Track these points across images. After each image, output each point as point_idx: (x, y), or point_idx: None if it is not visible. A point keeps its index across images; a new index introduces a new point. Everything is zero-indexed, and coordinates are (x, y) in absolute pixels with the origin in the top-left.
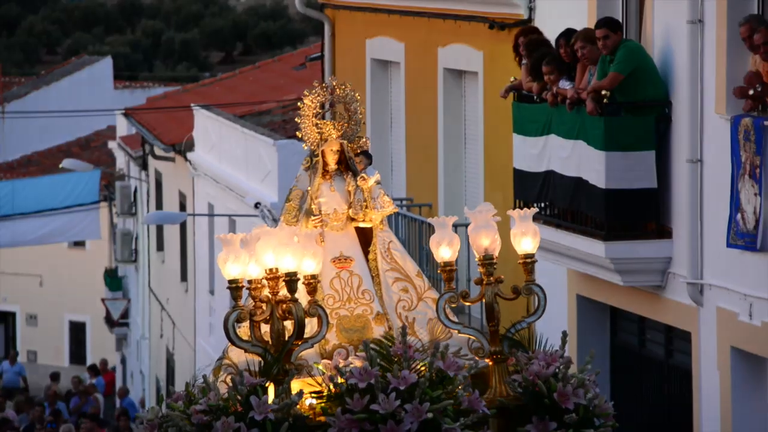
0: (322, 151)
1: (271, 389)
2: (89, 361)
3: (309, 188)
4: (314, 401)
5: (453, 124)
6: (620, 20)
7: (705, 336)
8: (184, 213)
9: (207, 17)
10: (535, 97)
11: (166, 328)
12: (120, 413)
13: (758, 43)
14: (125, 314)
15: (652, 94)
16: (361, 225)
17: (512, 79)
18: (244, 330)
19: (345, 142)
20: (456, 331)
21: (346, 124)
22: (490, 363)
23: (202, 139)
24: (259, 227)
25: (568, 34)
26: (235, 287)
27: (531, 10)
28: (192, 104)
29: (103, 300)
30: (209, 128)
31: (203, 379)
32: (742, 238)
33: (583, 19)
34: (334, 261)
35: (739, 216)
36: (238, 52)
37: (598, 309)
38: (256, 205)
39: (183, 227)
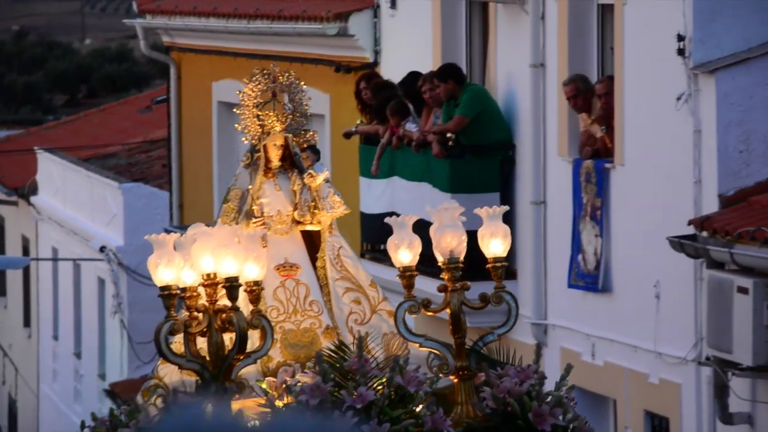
0: (264, 146)
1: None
2: None
3: (250, 187)
4: (257, 423)
5: None
6: (464, 64)
7: (549, 376)
8: (28, 257)
9: (51, 60)
10: (380, 140)
11: (9, 374)
12: None
13: (601, 93)
14: None
15: (496, 136)
16: (308, 228)
17: (358, 122)
18: (176, 346)
19: (290, 135)
20: (417, 345)
21: (290, 116)
22: (456, 380)
23: (46, 183)
24: (195, 226)
25: (412, 78)
26: (167, 295)
27: (377, 53)
28: (35, 147)
29: None
30: (53, 172)
31: (130, 401)
32: (584, 279)
33: (428, 63)
34: (278, 268)
35: (580, 257)
36: (82, 94)
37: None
38: (102, 249)
39: (26, 272)
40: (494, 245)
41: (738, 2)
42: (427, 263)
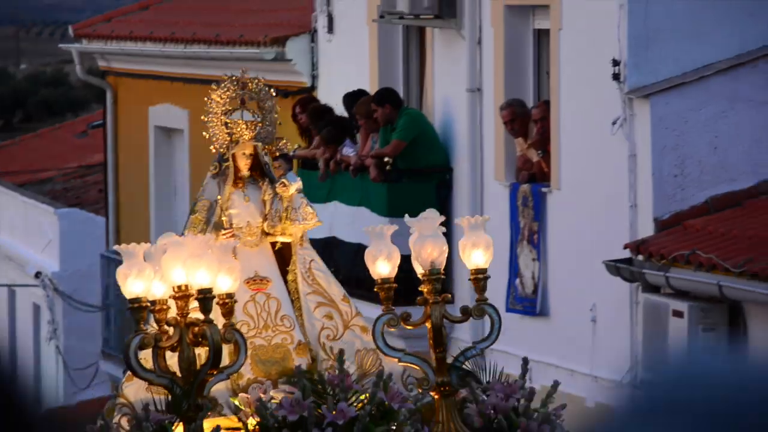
0: (233, 155)
1: (179, 430)
2: None
3: (219, 198)
4: None
5: None
6: (401, 88)
7: None
8: None
9: None
10: (319, 164)
11: None
12: None
13: (537, 118)
14: None
15: (433, 161)
16: (279, 240)
17: (296, 146)
18: (144, 361)
19: (259, 144)
20: (396, 360)
21: (260, 124)
22: (436, 396)
23: None
24: (165, 236)
25: (358, 94)
26: (137, 307)
27: (314, 78)
28: None
29: None
30: None
31: (99, 419)
32: (521, 303)
33: (365, 88)
34: (248, 282)
35: (518, 281)
36: (18, 119)
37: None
38: (37, 275)
39: None
40: (476, 256)
41: (672, 28)
42: (367, 287)
